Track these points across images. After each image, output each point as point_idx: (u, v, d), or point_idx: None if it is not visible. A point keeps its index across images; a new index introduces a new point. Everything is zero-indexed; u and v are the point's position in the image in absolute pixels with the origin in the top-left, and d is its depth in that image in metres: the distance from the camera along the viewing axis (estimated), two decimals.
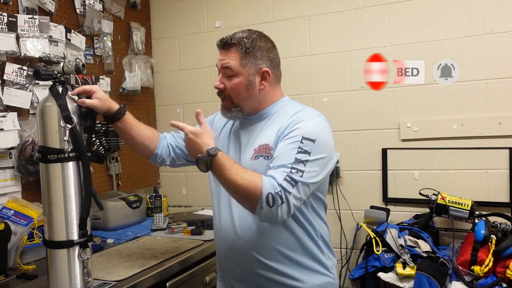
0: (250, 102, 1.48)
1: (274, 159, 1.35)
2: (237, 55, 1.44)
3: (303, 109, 1.47)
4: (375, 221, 2.41)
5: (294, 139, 1.34)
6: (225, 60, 1.46)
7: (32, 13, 2.15)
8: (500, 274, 2.01)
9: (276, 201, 1.25)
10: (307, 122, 1.38)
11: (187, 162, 1.70)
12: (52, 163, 1.43)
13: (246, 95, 1.47)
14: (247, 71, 1.45)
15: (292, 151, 1.32)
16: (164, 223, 2.35)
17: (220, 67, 1.47)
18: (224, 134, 1.60)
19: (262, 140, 1.44)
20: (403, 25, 2.49)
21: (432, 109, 2.45)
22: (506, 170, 2.33)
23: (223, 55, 1.47)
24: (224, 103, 1.51)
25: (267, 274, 1.44)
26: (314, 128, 1.38)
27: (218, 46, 1.49)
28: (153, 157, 1.67)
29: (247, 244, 1.44)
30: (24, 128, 2.06)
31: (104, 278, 1.62)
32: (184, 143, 1.43)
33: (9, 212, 1.83)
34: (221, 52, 1.48)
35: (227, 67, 1.45)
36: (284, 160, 1.31)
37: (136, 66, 2.80)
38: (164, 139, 1.68)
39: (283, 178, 1.27)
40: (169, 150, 1.68)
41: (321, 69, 2.66)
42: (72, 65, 1.48)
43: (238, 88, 1.45)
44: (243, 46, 1.44)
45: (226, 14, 2.88)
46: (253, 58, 1.45)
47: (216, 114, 1.70)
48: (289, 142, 1.34)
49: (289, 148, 1.33)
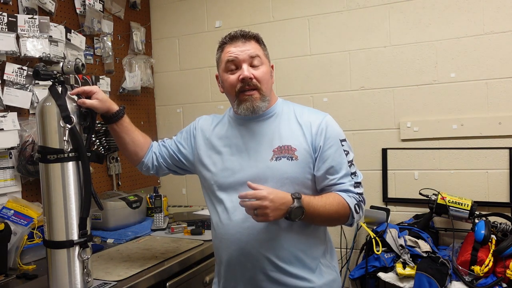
0: (270, 95, 1.50)
1: (328, 167, 1.42)
2: (257, 45, 1.48)
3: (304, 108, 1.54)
4: (375, 221, 2.41)
5: (336, 145, 1.45)
6: (250, 49, 1.45)
7: (32, 13, 2.15)
8: (500, 274, 2.01)
9: (361, 206, 1.45)
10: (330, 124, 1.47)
11: (169, 171, 1.69)
12: (52, 163, 1.43)
13: (271, 85, 1.51)
14: (267, 61, 1.50)
15: (341, 157, 1.44)
16: (164, 223, 2.35)
17: (246, 57, 1.44)
18: (219, 137, 1.55)
19: (282, 141, 1.44)
20: (403, 25, 2.49)
21: (432, 109, 2.45)
22: (506, 170, 2.33)
23: (246, 46, 1.45)
24: (252, 94, 1.44)
25: (278, 276, 1.43)
26: (338, 127, 1.50)
27: (234, 38, 1.46)
28: (139, 165, 1.66)
29: (261, 246, 1.42)
30: (24, 128, 2.06)
31: (104, 278, 1.62)
32: (262, 211, 1.30)
33: (9, 212, 1.83)
34: (237, 44, 1.45)
35: (256, 55, 1.45)
36: (343, 169, 1.44)
37: (136, 66, 2.80)
38: (151, 147, 1.67)
39: (353, 187, 1.44)
40: (153, 158, 1.66)
41: (321, 69, 2.66)
42: (71, 65, 1.48)
43: (267, 76, 1.48)
44: (259, 39, 1.50)
45: (226, 14, 2.88)
46: (267, 52, 1.52)
47: (199, 119, 1.66)
48: (333, 148, 1.44)
49: (338, 155, 1.44)
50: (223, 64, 1.48)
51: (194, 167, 1.61)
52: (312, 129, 1.44)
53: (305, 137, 1.44)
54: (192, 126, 1.66)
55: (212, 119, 1.63)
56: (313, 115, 1.49)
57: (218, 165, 1.51)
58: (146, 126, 3.00)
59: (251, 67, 1.44)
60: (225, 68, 1.47)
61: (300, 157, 1.42)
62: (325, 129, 1.44)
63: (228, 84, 1.47)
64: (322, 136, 1.43)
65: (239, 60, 1.44)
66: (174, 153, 1.64)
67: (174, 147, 1.65)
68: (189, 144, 1.63)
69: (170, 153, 1.65)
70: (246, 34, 1.47)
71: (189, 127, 1.66)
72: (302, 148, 1.43)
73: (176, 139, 1.67)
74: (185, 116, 3.02)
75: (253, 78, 1.43)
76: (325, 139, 1.43)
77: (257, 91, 1.45)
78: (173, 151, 1.65)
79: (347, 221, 1.44)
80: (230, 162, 1.49)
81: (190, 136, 1.63)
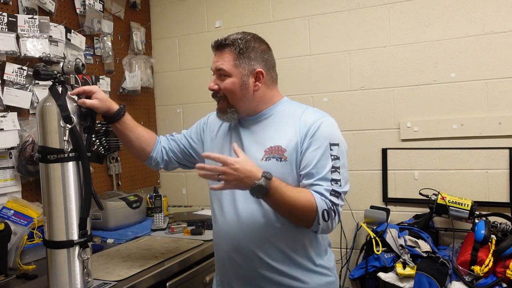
0: (246, 103, 1.49)
1: (308, 168, 1.38)
2: (230, 56, 1.46)
3: (307, 108, 1.50)
4: (375, 221, 2.41)
5: (322, 147, 1.39)
6: (218, 62, 1.47)
7: (32, 13, 2.15)
8: (500, 274, 2.01)
9: (331, 215, 1.35)
10: (325, 126, 1.42)
11: (180, 165, 1.73)
12: (52, 163, 1.43)
13: (241, 96, 1.47)
14: (240, 71, 1.45)
15: (325, 160, 1.38)
16: (164, 223, 2.35)
17: (214, 69, 1.49)
18: (222, 135, 1.59)
19: (273, 142, 1.45)
20: (403, 25, 2.49)
21: (432, 109, 2.45)
22: (506, 170, 2.33)
23: (217, 57, 1.48)
24: (219, 105, 1.51)
25: (270, 275, 1.44)
26: (334, 131, 1.44)
27: (213, 48, 1.50)
28: (148, 160, 1.69)
29: (253, 244, 1.43)
30: (24, 128, 2.06)
31: (104, 278, 1.62)
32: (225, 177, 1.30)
33: (9, 212, 1.83)
34: (215, 54, 1.49)
35: (220, 69, 1.46)
36: (321, 171, 1.38)
37: (136, 66, 2.80)
38: (159, 142, 1.70)
39: (329, 193, 1.36)
40: (163, 153, 1.69)
41: (321, 69, 2.66)
42: (71, 65, 1.48)
43: (232, 88, 1.46)
44: (236, 46, 1.45)
45: (226, 14, 2.88)
46: (246, 59, 1.46)
47: (210, 115, 1.70)
48: (318, 150, 1.39)
49: (321, 157, 1.38)
50: None
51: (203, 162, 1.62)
52: (304, 128, 1.43)
53: (296, 136, 1.43)
54: (202, 121, 1.71)
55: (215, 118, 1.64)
56: (312, 115, 1.47)
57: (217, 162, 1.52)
58: (146, 126, 2.90)
59: (219, 77, 1.47)
60: None
61: (289, 158, 1.42)
62: (315, 130, 1.41)
63: None
64: (309, 136, 1.41)
65: (213, 71, 1.50)
66: (185, 148, 1.69)
67: (185, 142, 1.70)
68: (199, 138, 1.68)
69: (181, 147, 1.70)
70: (220, 43, 1.47)
71: (199, 122, 1.72)
72: (291, 149, 1.42)
73: (186, 134, 1.72)
74: (185, 116, 3.02)
75: (217, 90, 1.48)
76: (311, 139, 1.41)
77: (225, 102, 1.49)
78: (183, 145, 1.70)
79: (311, 224, 1.36)
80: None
81: (200, 130, 1.69)
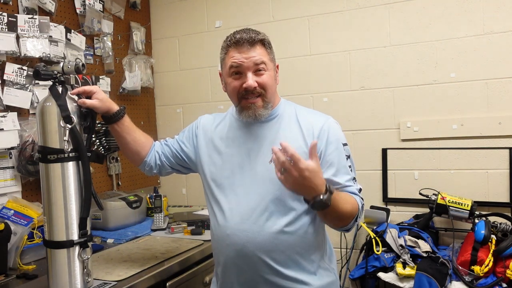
0: (275, 98, 1.50)
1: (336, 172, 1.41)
2: (263, 50, 1.43)
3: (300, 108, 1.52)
4: (375, 221, 2.41)
5: (339, 148, 1.43)
6: (256, 56, 1.40)
7: (32, 13, 2.15)
8: (500, 274, 2.01)
9: (360, 213, 1.43)
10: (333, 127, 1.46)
11: (173, 170, 1.68)
12: (52, 163, 1.42)
13: (274, 89, 1.49)
14: (272, 65, 1.48)
15: (344, 161, 1.43)
16: (164, 223, 2.35)
17: (251, 64, 1.40)
18: (220, 137, 1.54)
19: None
20: (403, 25, 2.49)
21: (432, 109, 2.45)
22: (506, 170, 2.33)
23: (251, 52, 1.40)
24: (254, 101, 1.42)
25: (274, 279, 1.42)
26: (340, 131, 1.49)
27: (238, 44, 1.41)
28: (142, 165, 1.65)
29: (258, 249, 1.40)
30: (24, 128, 2.06)
31: (104, 278, 1.62)
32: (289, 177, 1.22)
33: (9, 212, 1.83)
34: (242, 50, 1.41)
35: (261, 62, 1.41)
36: (348, 173, 1.44)
37: (136, 66, 2.80)
38: (154, 147, 1.66)
39: (359, 192, 1.45)
40: (156, 158, 1.64)
41: (321, 69, 2.66)
42: (72, 65, 1.48)
43: (270, 82, 1.44)
44: (266, 40, 1.45)
45: (226, 14, 2.88)
46: (272, 53, 1.49)
47: (201, 118, 1.65)
48: (338, 153, 1.43)
49: (342, 159, 1.43)
50: (226, 67, 1.45)
51: (196, 166, 1.61)
52: (314, 132, 1.42)
53: (304, 139, 1.42)
54: (194, 125, 1.65)
55: (214, 118, 1.62)
56: (315, 117, 1.47)
57: (218, 165, 1.50)
58: (146, 126, 3.00)
59: (255, 73, 1.41)
60: (228, 72, 1.45)
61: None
62: (327, 132, 1.42)
63: (231, 88, 1.45)
64: (324, 140, 1.41)
65: (243, 68, 1.41)
66: (177, 152, 1.63)
67: (177, 146, 1.64)
68: (191, 143, 1.62)
69: (173, 152, 1.64)
70: (252, 39, 1.40)
71: (191, 126, 1.66)
72: (301, 151, 1.36)
73: (178, 138, 1.67)
74: (185, 116, 3.02)
75: (257, 87, 1.41)
76: (327, 143, 1.42)
77: (260, 98, 1.43)
78: (176, 150, 1.64)
79: (348, 223, 1.38)
80: (230, 163, 1.48)
81: (192, 135, 1.62)
